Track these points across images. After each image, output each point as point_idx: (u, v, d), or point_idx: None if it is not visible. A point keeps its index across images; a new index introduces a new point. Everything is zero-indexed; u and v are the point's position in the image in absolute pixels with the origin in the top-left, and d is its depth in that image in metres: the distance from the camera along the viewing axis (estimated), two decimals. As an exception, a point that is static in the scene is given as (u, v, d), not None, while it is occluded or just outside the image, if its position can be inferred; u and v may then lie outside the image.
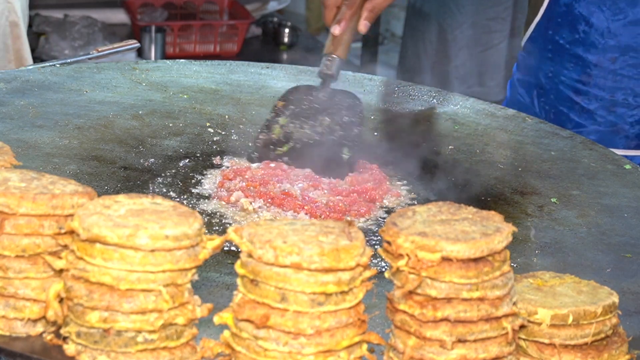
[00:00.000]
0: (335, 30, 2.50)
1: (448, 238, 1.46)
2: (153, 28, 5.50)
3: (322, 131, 2.45)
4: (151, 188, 2.26)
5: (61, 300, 1.52)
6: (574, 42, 2.99)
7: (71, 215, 1.54)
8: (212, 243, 1.53)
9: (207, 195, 2.27)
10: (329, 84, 2.54)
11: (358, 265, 1.48)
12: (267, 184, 2.25)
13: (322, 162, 2.37)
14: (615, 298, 1.60)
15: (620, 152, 2.90)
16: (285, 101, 2.53)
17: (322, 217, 2.15)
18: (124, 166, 2.36)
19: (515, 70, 3.29)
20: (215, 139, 2.58)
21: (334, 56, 2.50)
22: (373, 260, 1.96)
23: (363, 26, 2.51)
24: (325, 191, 2.27)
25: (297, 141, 2.43)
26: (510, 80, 3.35)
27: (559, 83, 3.03)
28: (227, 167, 2.40)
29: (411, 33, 5.71)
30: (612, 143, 3.01)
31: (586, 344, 1.57)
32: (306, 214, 2.16)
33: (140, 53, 5.40)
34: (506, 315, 1.50)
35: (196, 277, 1.53)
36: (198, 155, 2.47)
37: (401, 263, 1.47)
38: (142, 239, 1.45)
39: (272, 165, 2.36)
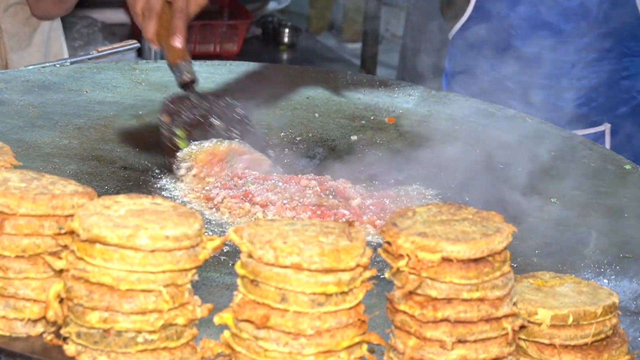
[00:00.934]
0: (178, 42, 2.45)
1: (448, 238, 1.46)
2: (153, 28, 5.50)
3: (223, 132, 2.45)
4: (152, 188, 2.26)
5: (61, 301, 1.52)
6: (511, 36, 3.01)
7: (71, 215, 1.54)
8: (212, 243, 1.53)
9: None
10: (194, 88, 2.50)
11: (358, 265, 1.48)
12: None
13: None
14: (615, 298, 1.60)
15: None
16: (168, 114, 2.45)
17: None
18: (124, 166, 2.36)
19: (447, 65, 3.30)
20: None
21: (186, 61, 2.49)
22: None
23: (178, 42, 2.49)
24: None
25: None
26: (444, 74, 3.36)
27: (503, 78, 3.05)
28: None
29: (411, 33, 5.71)
30: (564, 127, 3.03)
31: (586, 344, 1.57)
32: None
33: (140, 53, 5.40)
34: (506, 316, 1.50)
35: (196, 278, 1.53)
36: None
37: (401, 263, 1.47)
38: (142, 239, 1.45)
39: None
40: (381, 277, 1.64)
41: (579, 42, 3.08)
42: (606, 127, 3.26)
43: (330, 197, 2.26)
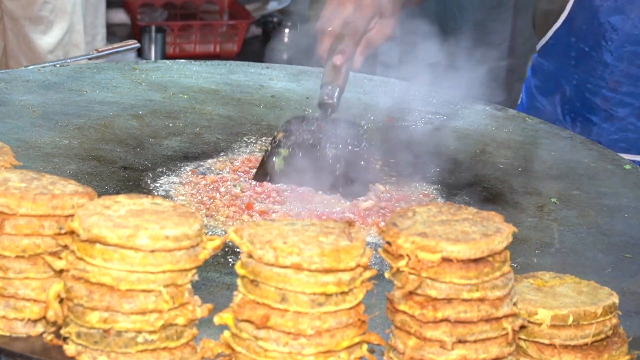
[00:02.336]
0: (338, 60, 2.43)
1: (448, 238, 1.46)
2: (153, 28, 5.51)
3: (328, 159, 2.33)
4: (151, 186, 2.26)
5: (61, 301, 1.52)
6: (601, 49, 2.97)
7: (71, 215, 1.54)
8: (212, 243, 1.53)
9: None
10: (329, 114, 2.41)
11: (358, 265, 1.48)
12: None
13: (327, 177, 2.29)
14: (615, 298, 1.60)
15: None
16: (285, 132, 2.37)
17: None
18: (124, 166, 2.36)
19: (531, 76, 3.26)
20: (215, 139, 2.58)
21: (334, 85, 2.41)
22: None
23: (358, 62, 2.47)
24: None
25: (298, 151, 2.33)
26: (525, 84, 3.32)
27: (585, 91, 3.00)
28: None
29: (411, 32, 5.70)
30: None
31: (586, 344, 1.57)
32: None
33: (140, 53, 5.40)
34: (506, 316, 1.50)
35: (196, 278, 1.53)
36: (198, 155, 2.47)
37: (401, 263, 1.47)
38: (142, 239, 1.45)
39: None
40: (380, 274, 1.64)
41: None
42: None
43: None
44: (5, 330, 1.56)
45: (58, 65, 2.93)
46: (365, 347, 1.53)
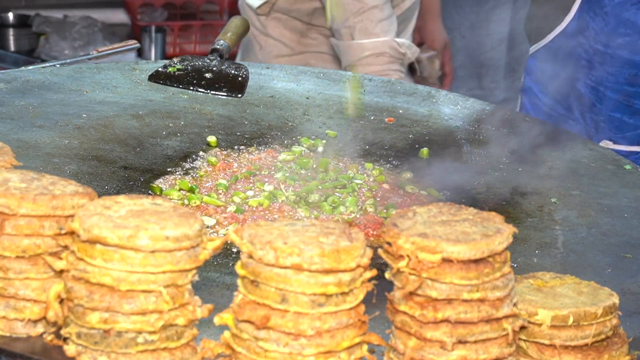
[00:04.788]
0: None
1: (448, 239, 1.46)
2: (153, 28, 5.51)
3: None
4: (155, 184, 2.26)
5: (61, 301, 1.52)
6: (617, 46, 2.96)
7: (71, 216, 1.54)
8: (213, 244, 1.53)
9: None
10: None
11: (358, 266, 1.48)
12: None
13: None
14: (615, 299, 1.60)
15: None
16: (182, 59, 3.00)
17: None
18: (124, 166, 2.36)
19: (529, 80, 3.24)
20: (215, 139, 2.58)
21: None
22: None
23: None
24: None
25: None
26: (523, 88, 3.31)
27: (606, 89, 2.99)
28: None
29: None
30: None
31: (586, 345, 1.57)
32: None
33: (140, 53, 5.39)
34: (507, 316, 1.50)
35: (196, 278, 1.53)
36: (198, 155, 2.47)
37: (402, 264, 1.47)
38: (142, 239, 1.45)
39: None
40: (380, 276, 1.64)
41: None
42: None
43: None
44: (6, 330, 1.56)
45: (58, 65, 2.93)
46: (365, 347, 1.53)
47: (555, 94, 3.16)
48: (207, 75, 2.91)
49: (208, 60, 2.98)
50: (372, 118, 2.82)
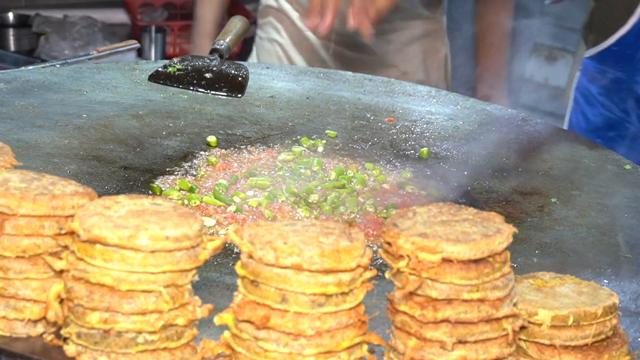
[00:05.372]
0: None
1: (449, 239, 1.46)
2: (153, 28, 5.50)
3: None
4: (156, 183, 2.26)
5: (61, 301, 1.52)
6: None
7: (71, 216, 1.53)
8: (213, 244, 1.53)
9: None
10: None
11: (358, 266, 1.48)
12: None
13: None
14: (615, 299, 1.60)
15: None
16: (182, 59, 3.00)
17: None
18: (124, 166, 2.36)
19: (586, 81, 3.23)
20: (215, 138, 2.58)
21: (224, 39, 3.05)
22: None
23: (367, 29, 2.51)
24: None
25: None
26: (578, 90, 3.30)
27: None
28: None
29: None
30: None
31: (586, 345, 1.57)
32: None
33: (140, 53, 5.39)
34: (507, 316, 1.50)
35: (196, 278, 1.53)
36: (198, 155, 2.47)
37: (402, 264, 1.47)
38: (142, 239, 1.45)
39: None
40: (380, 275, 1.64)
41: None
42: None
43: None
44: (6, 330, 1.56)
45: (58, 65, 2.93)
46: (365, 347, 1.53)
47: (614, 95, 3.15)
48: (207, 75, 2.91)
49: (208, 60, 2.98)
50: (372, 118, 2.81)
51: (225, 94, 2.87)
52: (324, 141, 2.62)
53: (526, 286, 1.63)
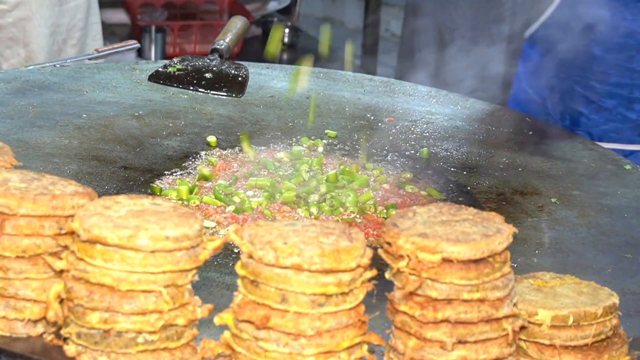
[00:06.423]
0: None
1: (449, 239, 1.46)
2: (153, 28, 5.50)
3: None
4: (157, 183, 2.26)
5: (61, 301, 1.52)
6: (590, 42, 3.00)
7: (71, 216, 1.54)
8: (213, 244, 1.53)
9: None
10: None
11: (358, 266, 1.48)
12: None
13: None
14: (615, 299, 1.60)
15: (638, 147, 2.91)
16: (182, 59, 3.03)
17: None
18: (124, 166, 2.36)
19: (521, 64, 3.29)
20: (215, 138, 2.58)
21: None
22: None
23: None
24: None
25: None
26: (516, 76, 3.35)
27: (575, 83, 3.03)
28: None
29: (409, 33, 5.70)
30: (632, 139, 3.02)
31: (586, 345, 1.57)
32: None
33: (140, 53, 5.39)
34: (506, 316, 1.50)
35: (196, 278, 1.53)
36: (198, 155, 2.47)
37: (402, 264, 1.47)
38: (142, 239, 1.45)
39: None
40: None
41: None
42: None
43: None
44: (6, 330, 1.56)
45: (58, 65, 2.93)
46: (365, 347, 1.53)
47: (535, 85, 3.20)
48: (207, 75, 2.91)
49: (208, 60, 2.98)
50: (372, 118, 2.82)
51: (225, 94, 2.87)
52: (324, 141, 2.62)
53: (526, 286, 1.63)
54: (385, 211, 2.25)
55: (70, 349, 1.51)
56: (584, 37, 3.02)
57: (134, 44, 3.27)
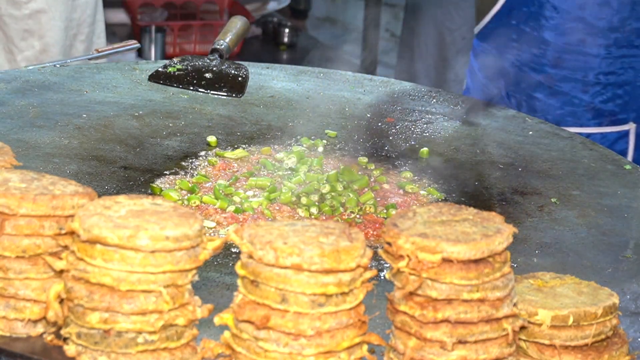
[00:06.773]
0: None
1: (449, 239, 1.46)
2: (153, 28, 5.50)
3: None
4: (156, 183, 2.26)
5: (61, 301, 1.52)
6: (542, 28, 3.03)
7: (71, 216, 1.54)
8: (213, 244, 1.53)
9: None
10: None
11: (358, 266, 1.48)
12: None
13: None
14: (615, 299, 1.60)
15: (594, 129, 2.94)
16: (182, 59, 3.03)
17: None
18: (124, 166, 2.36)
19: (472, 59, 3.32)
20: (215, 138, 2.58)
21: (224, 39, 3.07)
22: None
23: None
24: None
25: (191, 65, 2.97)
26: (468, 68, 3.37)
27: (529, 70, 3.06)
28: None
29: (409, 33, 5.71)
30: (587, 122, 3.05)
31: (586, 345, 1.57)
32: None
33: (140, 53, 5.39)
34: (506, 317, 1.50)
35: (196, 278, 1.53)
36: (198, 155, 2.47)
37: (402, 264, 1.47)
38: (142, 239, 1.45)
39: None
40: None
41: (609, 37, 3.09)
42: (631, 127, 3.25)
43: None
44: (6, 330, 1.56)
45: (58, 65, 2.93)
46: (365, 347, 1.53)
47: (489, 73, 3.23)
48: (207, 75, 2.91)
49: (208, 60, 2.98)
50: (372, 118, 2.81)
51: (225, 94, 2.87)
52: (324, 141, 2.62)
53: (526, 286, 1.63)
54: (385, 211, 2.25)
55: (70, 349, 1.51)
56: (536, 25, 3.06)
57: (134, 44, 3.27)
